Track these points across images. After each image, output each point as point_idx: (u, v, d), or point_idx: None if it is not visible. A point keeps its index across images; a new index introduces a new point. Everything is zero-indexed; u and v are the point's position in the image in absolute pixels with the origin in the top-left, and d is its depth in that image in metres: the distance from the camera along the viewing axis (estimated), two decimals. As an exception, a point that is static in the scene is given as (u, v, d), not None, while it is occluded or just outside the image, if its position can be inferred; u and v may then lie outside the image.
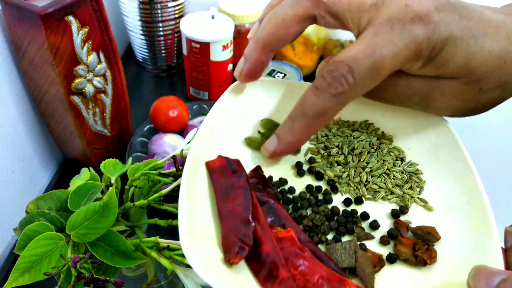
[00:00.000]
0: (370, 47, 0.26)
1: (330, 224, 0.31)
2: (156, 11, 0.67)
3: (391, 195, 0.33)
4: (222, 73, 0.67)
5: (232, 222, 0.26)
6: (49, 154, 0.57)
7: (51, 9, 0.39)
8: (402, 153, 0.35)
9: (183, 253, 0.32)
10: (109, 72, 0.50)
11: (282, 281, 0.24)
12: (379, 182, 0.33)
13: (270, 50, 0.30)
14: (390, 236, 0.30)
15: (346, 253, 0.28)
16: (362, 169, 0.34)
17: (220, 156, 0.29)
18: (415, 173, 0.34)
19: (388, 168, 0.34)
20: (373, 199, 0.33)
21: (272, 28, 0.29)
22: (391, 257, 0.29)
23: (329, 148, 0.36)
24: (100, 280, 0.29)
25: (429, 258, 0.28)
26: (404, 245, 0.29)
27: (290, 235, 0.27)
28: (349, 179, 0.34)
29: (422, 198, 0.33)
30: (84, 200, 0.34)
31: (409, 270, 0.28)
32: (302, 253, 0.26)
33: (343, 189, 0.34)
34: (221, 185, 0.27)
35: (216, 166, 0.29)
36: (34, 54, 0.43)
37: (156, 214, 0.37)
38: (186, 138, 0.37)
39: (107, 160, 0.38)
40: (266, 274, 0.25)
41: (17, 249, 0.31)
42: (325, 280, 0.25)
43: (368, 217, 0.31)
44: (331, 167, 0.35)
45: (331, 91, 0.27)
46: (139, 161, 0.39)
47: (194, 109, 0.66)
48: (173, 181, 0.35)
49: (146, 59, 0.76)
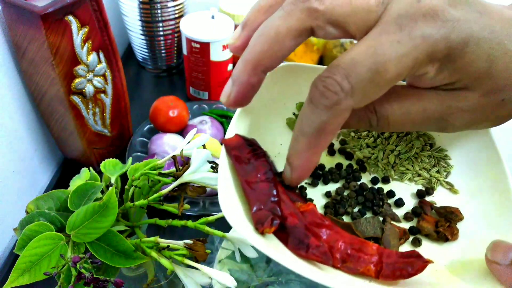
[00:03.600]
0: (372, 48, 0.22)
1: (357, 199, 0.32)
2: (156, 11, 0.67)
3: (418, 177, 0.34)
4: (222, 73, 0.67)
5: (259, 197, 0.26)
6: (49, 154, 0.57)
7: (51, 9, 0.39)
8: (432, 139, 0.36)
9: (183, 253, 0.33)
10: (109, 72, 0.50)
11: (316, 248, 0.25)
12: (407, 165, 0.34)
13: (261, 71, 0.26)
14: (414, 213, 0.31)
15: (370, 225, 0.29)
16: (391, 152, 0.35)
17: (237, 135, 0.28)
18: (443, 158, 0.35)
19: (416, 152, 0.35)
20: (400, 180, 0.34)
21: (264, 45, 0.25)
22: (413, 230, 0.30)
23: (360, 131, 0.37)
24: (100, 280, 0.29)
25: (450, 235, 0.29)
26: (427, 221, 0.30)
27: (310, 208, 0.27)
28: (378, 161, 0.35)
29: (448, 182, 0.33)
30: (84, 200, 0.34)
31: (430, 245, 0.30)
32: (323, 222, 0.27)
33: (371, 169, 0.35)
34: (242, 161, 0.27)
35: (233, 144, 0.28)
36: (34, 54, 0.43)
37: (156, 214, 0.37)
38: (186, 138, 0.37)
39: (107, 160, 0.38)
40: (297, 243, 0.25)
41: (17, 249, 0.31)
42: (348, 244, 0.26)
43: (394, 195, 0.33)
44: (361, 148, 0.36)
45: (324, 102, 0.23)
46: (139, 161, 0.39)
47: (194, 109, 0.66)
48: (173, 181, 0.35)
49: (146, 59, 0.76)
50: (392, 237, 0.29)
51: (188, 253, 0.33)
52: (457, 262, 0.28)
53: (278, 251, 0.24)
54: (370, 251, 0.26)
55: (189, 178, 0.34)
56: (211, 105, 0.67)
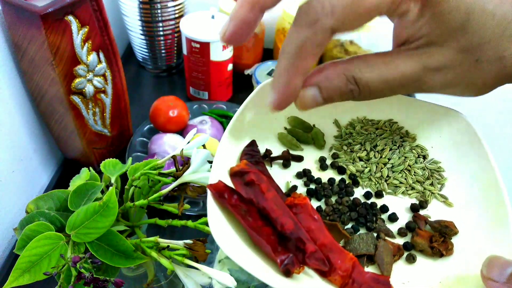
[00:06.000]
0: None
1: (350, 215, 0.31)
2: (156, 11, 0.67)
3: (412, 190, 0.34)
4: (222, 73, 0.67)
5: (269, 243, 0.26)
6: (49, 154, 0.57)
7: (51, 9, 0.39)
8: (425, 151, 0.36)
9: (183, 253, 0.33)
10: (109, 72, 0.50)
11: (311, 254, 0.25)
12: (400, 178, 0.34)
13: (259, 8, 0.26)
14: (408, 228, 0.31)
15: (363, 242, 0.29)
16: (384, 165, 0.35)
17: (220, 182, 0.28)
18: (437, 170, 0.34)
19: (409, 164, 0.35)
20: (393, 194, 0.34)
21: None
22: (407, 246, 0.30)
23: (352, 145, 0.37)
24: (100, 280, 0.29)
25: (445, 250, 0.28)
26: (421, 236, 0.29)
27: (305, 202, 0.28)
28: (371, 174, 0.35)
29: (442, 194, 0.33)
30: (84, 200, 0.34)
31: (424, 260, 0.29)
32: (313, 217, 0.27)
33: (364, 183, 0.34)
34: (234, 206, 0.28)
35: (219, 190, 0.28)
36: (34, 54, 0.43)
37: (156, 214, 0.37)
38: (186, 138, 0.37)
39: (107, 160, 0.38)
40: (294, 250, 0.26)
41: (17, 249, 0.31)
42: (325, 247, 0.26)
43: (387, 210, 0.32)
44: (354, 162, 0.36)
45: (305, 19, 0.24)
46: (139, 161, 0.39)
47: (194, 109, 0.66)
48: (173, 181, 0.35)
49: (146, 59, 0.76)
50: (386, 254, 0.28)
51: (188, 253, 0.33)
52: (452, 278, 0.27)
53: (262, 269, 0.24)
54: (344, 260, 0.26)
55: (189, 178, 0.34)
56: (211, 105, 0.67)
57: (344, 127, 0.38)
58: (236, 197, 0.27)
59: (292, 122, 0.37)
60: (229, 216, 0.27)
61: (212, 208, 0.26)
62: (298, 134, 0.36)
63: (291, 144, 0.36)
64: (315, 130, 0.37)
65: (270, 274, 0.24)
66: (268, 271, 0.24)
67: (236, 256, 0.23)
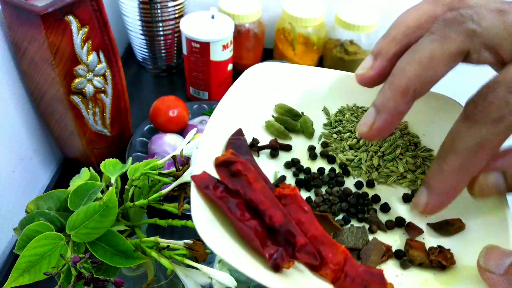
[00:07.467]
0: None
1: (341, 205, 0.31)
2: (156, 11, 0.67)
3: (403, 179, 0.33)
4: (222, 73, 0.67)
5: (258, 237, 0.25)
6: (49, 154, 0.57)
7: (51, 9, 0.39)
8: (417, 139, 0.35)
9: (183, 253, 0.33)
10: (109, 72, 0.50)
11: (301, 247, 0.24)
12: (391, 167, 0.33)
13: (411, 97, 0.24)
14: (396, 256, 0.28)
15: (353, 236, 0.27)
16: (374, 153, 0.34)
17: (204, 172, 0.27)
18: (429, 159, 0.34)
19: (401, 153, 0.34)
20: (384, 183, 0.33)
21: (416, 70, 0.24)
22: (399, 254, 0.28)
23: (342, 133, 0.36)
24: (100, 280, 0.29)
25: (445, 260, 0.26)
26: (415, 249, 0.27)
27: (294, 193, 0.27)
28: (361, 163, 0.34)
29: None
30: (84, 200, 0.34)
31: (426, 274, 0.27)
32: (303, 209, 0.27)
33: (355, 173, 0.34)
34: (219, 198, 0.27)
35: (204, 181, 0.27)
36: (34, 54, 0.43)
37: (156, 214, 0.37)
38: (186, 138, 0.37)
39: (107, 160, 0.38)
40: (283, 243, 0.25)
41: (17, 249, 0.31)
42: (316, 239, 0.26)
43: (379, 200, 0.32)
44: (344, 151, 0.35)
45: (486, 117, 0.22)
46: (139, 161, 0.39)
47: (194, 109, 0.66)
48: (173, 181, 0.35)
49: (146, 59, 0.76)
50: (374, 253, 0.26)
51: (188, 253, 0.33)
52: (447, 270, 0.27)
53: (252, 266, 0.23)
54: (336, 253, 0.25)
55: (189, 178, 0.34)
56: (211, 105, 0.67)
57: (334, 115, 0.37)
58: (221, 188, 0.26)
59: (280, 110, 0.36)
60: (215, 209, 0.26)
61: (196, 201, 0.25)
62: (286, 122, 0.35)
63: (279, 133, 0.35)
64: (304, 118, 0.36)
65: (258, 270, 0.23)
66: (256, 266, 0.23)
67: (223, 251, 0.22)
